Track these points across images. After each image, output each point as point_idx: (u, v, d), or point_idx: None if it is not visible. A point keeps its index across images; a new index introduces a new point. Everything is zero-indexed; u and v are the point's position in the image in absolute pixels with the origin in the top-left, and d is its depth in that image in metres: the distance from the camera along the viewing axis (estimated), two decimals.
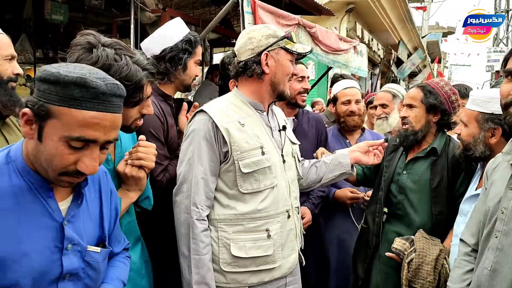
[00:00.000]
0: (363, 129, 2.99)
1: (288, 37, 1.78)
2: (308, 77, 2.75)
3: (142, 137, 1.56)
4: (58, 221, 1.08)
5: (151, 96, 1.95)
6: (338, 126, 3.00)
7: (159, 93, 2.06)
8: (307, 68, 2.78)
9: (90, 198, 1.22)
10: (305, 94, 2.63)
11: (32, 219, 1.04)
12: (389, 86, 3.54)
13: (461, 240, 1.68)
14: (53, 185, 1.08)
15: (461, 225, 1.85)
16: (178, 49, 2.00)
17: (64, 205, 1.12)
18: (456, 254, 1.74)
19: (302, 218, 2.50)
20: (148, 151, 1.52)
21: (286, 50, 1.78)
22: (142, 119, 1.52)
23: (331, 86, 4.08)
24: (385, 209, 2.24)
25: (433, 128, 2.20)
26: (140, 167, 1.52)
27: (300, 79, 2.61)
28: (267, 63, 1.76)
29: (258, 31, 1.78)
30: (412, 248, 1.95)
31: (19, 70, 1.58)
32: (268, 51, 1.75)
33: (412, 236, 2.02)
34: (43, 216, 1.06)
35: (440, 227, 2.08)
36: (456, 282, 1.61)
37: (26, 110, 0.98)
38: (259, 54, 1.75)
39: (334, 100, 2.97)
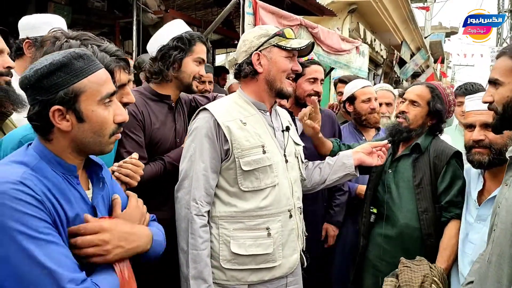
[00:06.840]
0: (378, 128, 3.03)
1: (279, 34, 1.79)
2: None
3: (135, 155, 1.58)
4: (89, 204, 1.20)
5: (139, 97, 1.91)
6: (354, 124, 3.04)
7: (152, 93, 2.04)
8: (325, 70, 2.75)
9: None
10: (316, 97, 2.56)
11: (78, 203, 1.15)
12: (385, 86, 3.57)
13: None
14: (78, 172, 1.19)
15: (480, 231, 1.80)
16: (168, 47, 2.00)
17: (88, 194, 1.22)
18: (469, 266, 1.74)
19: (326, 236, 2.63)
20: (137, 170, 1.55)
21: (279, 47, 1.79)
22: (125, 111, 1.47)
23: (335, 86, 4.11)
24: (374, 210, 2.19)
25: (425, 130, 2.16)
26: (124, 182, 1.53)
27: (312, 80, 2.55)
28: (260, 63, 1.79)
29: (251, 33, 1.84)
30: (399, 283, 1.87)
31: (11, 63, 1.53)
32: (260, 51, 1.79)
33: (397, 270, 1.92)
34: (81, 201, 1.16)
35: (427, 226, 2.02)
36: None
37: (55, 106, 1.06)
38: (252, 54, 1.79)
39: (351, 99, 3.00)
